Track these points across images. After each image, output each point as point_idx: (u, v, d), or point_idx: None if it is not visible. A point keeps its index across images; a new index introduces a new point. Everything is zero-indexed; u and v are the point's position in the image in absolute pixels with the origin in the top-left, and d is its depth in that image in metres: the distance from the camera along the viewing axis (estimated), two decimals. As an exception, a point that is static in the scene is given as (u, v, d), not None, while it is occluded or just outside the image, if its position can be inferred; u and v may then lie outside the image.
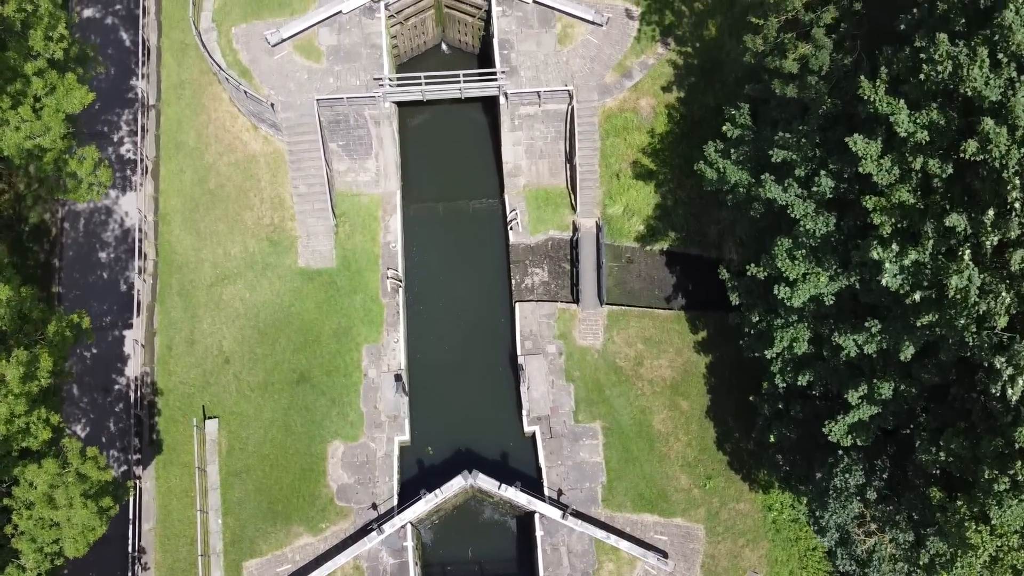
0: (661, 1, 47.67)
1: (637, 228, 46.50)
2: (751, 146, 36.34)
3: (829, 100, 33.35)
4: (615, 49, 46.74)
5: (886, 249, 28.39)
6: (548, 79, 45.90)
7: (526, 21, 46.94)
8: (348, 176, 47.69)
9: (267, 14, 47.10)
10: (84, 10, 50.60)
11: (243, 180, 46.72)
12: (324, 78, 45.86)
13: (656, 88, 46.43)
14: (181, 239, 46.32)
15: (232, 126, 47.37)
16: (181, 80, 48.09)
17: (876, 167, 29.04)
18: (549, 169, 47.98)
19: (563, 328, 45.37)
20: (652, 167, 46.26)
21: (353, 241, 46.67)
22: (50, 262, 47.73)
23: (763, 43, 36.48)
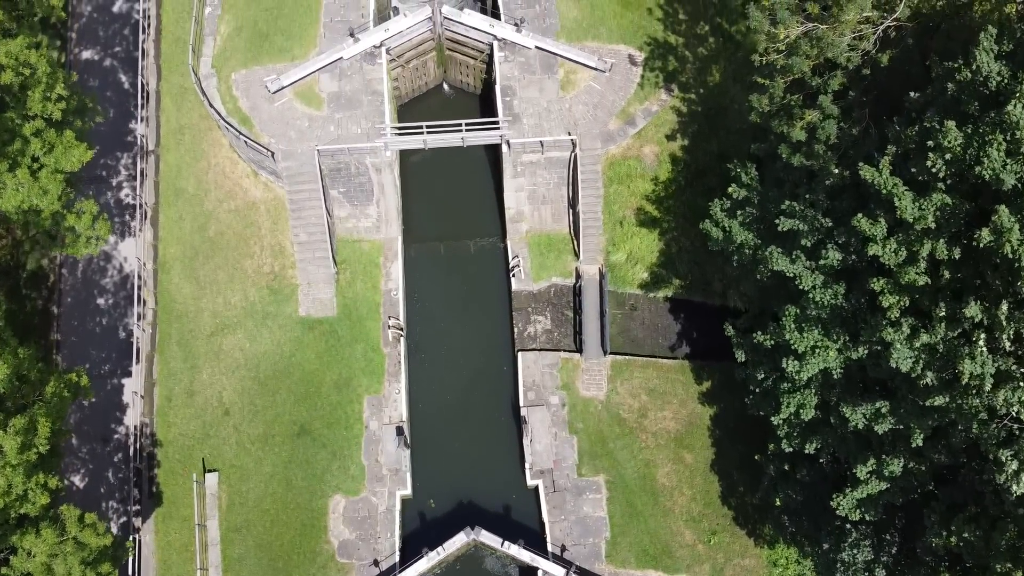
0: (664, 47, 47.29)
1: (641, 276, 46.10)
2: (758, 207, 35.93)
3: (836, 170, 32.95)
4: (618, 95, 46.32)
5: (897, 330, 28.01)
6: (551, 127, 45.49)
7: (528, 67, 46.52)
8: (349, 222, 47.27)
9: (267, 59, 46.68)
10: (82, 52, 50.25)
11: (243, 228, 46.29)
12: (325, 126, 45.44)
13: (660, 135, 46.02)
14: (181, 288, 45.89)
15: (232, 172, 46.96)
16: (180, 125, 47.67)
17: (882, 248, 28.65)
18: (552, 214, 47.58)
19: (566, 378, 44.96)
20: (656, 215, 45.86)
21: (354, 289, 46.25)
22: (48, 309, 47.34)
23: (769, 103, 36.05)
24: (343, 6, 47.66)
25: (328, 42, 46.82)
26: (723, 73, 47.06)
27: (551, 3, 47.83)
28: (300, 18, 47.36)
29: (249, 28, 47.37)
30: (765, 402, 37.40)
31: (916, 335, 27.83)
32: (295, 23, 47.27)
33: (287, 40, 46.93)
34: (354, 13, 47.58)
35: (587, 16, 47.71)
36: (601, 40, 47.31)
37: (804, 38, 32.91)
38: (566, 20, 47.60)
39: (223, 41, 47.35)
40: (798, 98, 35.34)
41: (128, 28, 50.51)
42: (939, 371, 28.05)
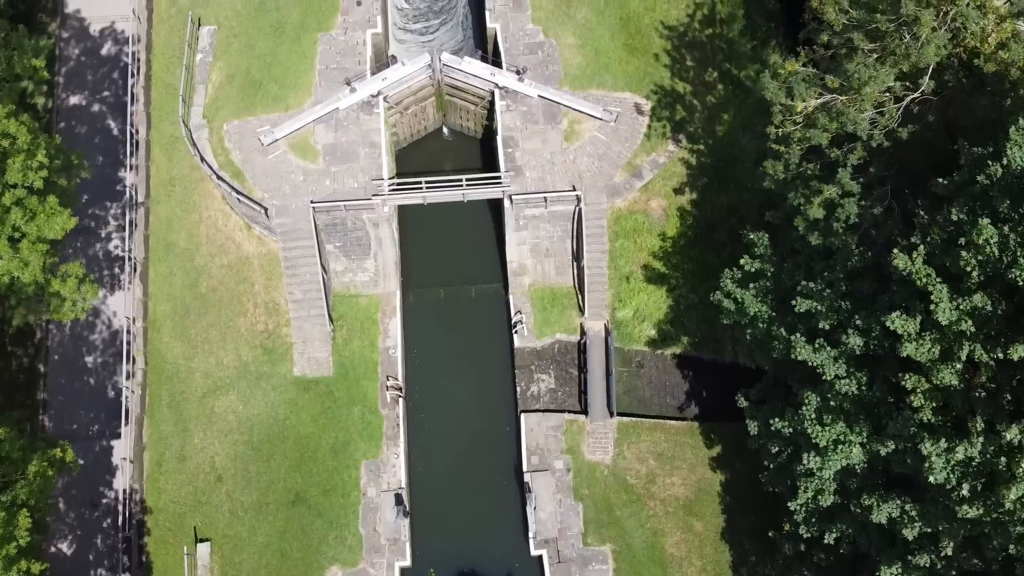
0: (672, 94, 45.72)
1: (648, 333, 44.53)
2: (772, 280, 34.35)
3: (857, 252, 31.33)
4: (624, 147, 44.73)
5: (934, 443, 26.42)
6: (554, 180, 43.91)
7: (531, 116, 44.93)
8: (345, 276, 45.68)
9: (260, 109, 45.09)
10: (70, 97, 48.63)
11: (236, 284, 44.69)
12: (320, 180, 43.83)
13: (667, 189, 44.44)
14: (171, 347, 44.29)
15: (224, 226, 45.35)
16: (171, 176, 46.05)
17: (915, 348, 27.06)
18: (555, 268, 45.99)
19: (571, 442, 43.39)
20: (664, 270, 44.27)
21: (351, 347, 44.66)
22: (34, 367, 45.71)
23: (784, 170, 34.44)
24: (339, 52, 46.07)
25: (324, 91, 45.23)
26: (732, 122, 45.49)
27: (554, 50, 46.24)
28: (295, 65, 45.77)
29: (242, 76, 45.77)
30: (780, 478, 35.86)
31: (953, 449, 26.20)
32: (289, 71, 45.68)
33: (281, 89, 45.33)
34: (350, 60, 45.99)
35: (591, 63, 46.13)
36: (606, 88, 45.72)
37: (822, 111, 31.34)
38: (569, 67, 46.01)
39: (215, 90, 45.74)
40: (815, 167, 33.71)
41: (117, 72, 48.86)
42: (975, 479, 26.52)
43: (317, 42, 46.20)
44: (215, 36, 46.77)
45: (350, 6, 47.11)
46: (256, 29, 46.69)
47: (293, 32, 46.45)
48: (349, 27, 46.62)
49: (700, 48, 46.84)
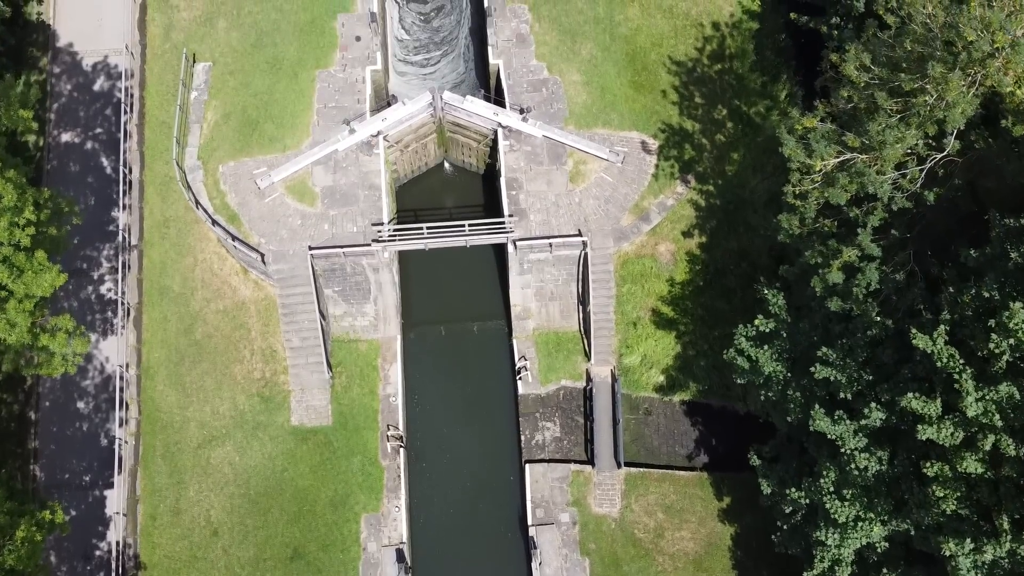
0: (680, 133, 44.46)
1: (656, 379, 43.30)
2: (787, 340, 33.08)
3: (878, 320, 30.05)
4: (631, 188, 43.48)
5: (958, 543, 25.19)
6: (559, 223, 42.67)
7: (535, 157, 43.68)
8: (345, 321, 44.43)
9: (257, 150, 43.84)
10: (62, 134, 47.35)
11: (232, 330, 43.43)
12: (319, 224, 42.58)
13: (676, 232, 43.18)
14: (166, 396, 43.04)
15: (220, 269, 44.08)
16: (165, 218, 44.78)
17: (937, 431, 25.81)
18: (560, 312, 44.74)
19: (577, 493, 42.15)
20: (672, 316, 43.03)
21: (350, 395, 43.41)
22: (25, 414, 44.43)
23: (799, 225, 33.16)
24: (338, 91, 44.81)
25: (322, 130, 43.99)
26: (742, 161, 44.25)
27: (559, 87, 44.98)
28: (292, 104, 44.52)
29: (238, 115, 44.51)
30: (794, 540, 34.63)
31: (981, 549, 24.91)
32: (287, 110, 44.43)
33: (278, 129, 44.08)
34: (349, 98, 44.74)
35: (597, 101, 44.87)
36: (612, 127, 44.49)
37: (841, 170, 30.06)
38: (575, 105, 44.77)
39: (210, 129, 44.48)
40: (832, 223, 32.40)
41: (110, 108, 47.59)
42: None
43: (315, 79, 44.97)
44: (210, 73, 45.51)
45: (349, 42, 45.87)
46: (252, 66, 45.45)
47: (290, 69, 45.21)
48: (348, 64, 45.38)
49: (709, 84, 45.58)
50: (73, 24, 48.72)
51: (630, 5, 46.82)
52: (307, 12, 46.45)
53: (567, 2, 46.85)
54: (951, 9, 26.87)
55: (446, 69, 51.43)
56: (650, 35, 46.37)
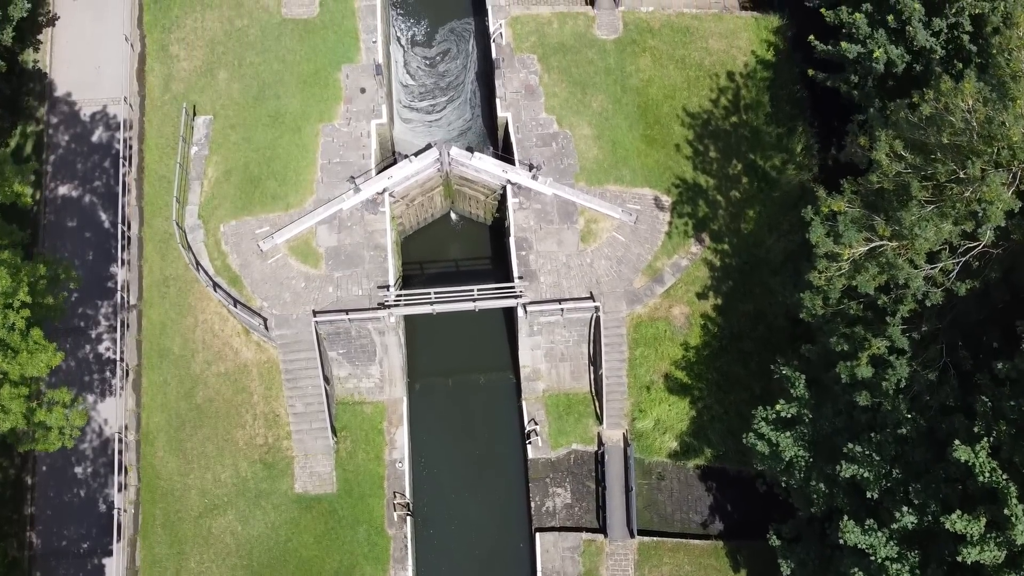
0: (694, 189, 43.30)
1: (669, 444, 42.13)
2: (810, 426, 31.88)
3: (909, 418, 28.85)
4: (644, 248, 42.28)
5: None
6: (571, 286, 41.48)
7: (545, 215, 42.50)
8: (349, 382, 43.24)
9: (259, 209, 42.66)
10: (59, 187, 46.15)
11: (234, 394, 42.24)
12: (323, 286, 41.39)
13: (690, 294, 41.99)
14: (166, 462, 41.85)
15: (222, 330, 42.87)
16: (165, 276, 43.56)
17: (979, 551, 24.64)
18: (571, 372, 43.55)
19: (589, 564, 40.97)
20: (686, 380, 41.84)
21: (355, 460, 42.23)
22: (21, 478, 43.21)
23: (823, 305, 31.94)
24: (342, 145, 43.65)
25: (326, 187, 42.83)
26: (758, 219, 43.09)
27: (569, 141, 43.82)
28: (295, 160, 43.34)
29: (239, 172, 43.33)
30: (817, 625, 33.41)
31: None
32: (290, 166, 43.25)
33: (281, 186, 42.91)
34: (354, 153, 43.59)
35: (608, 156, 43.71)
36: (624, 183, 43.32)
37: (871, 259, 28.84)
38: (585, 160, 43.60)
39: (211, 187, 43.31)
40: (858, 306, 31.12)
41: (108, 160, 46.38)
42: None
43: (319, 134, 43.81)
44: (211, 127, 44.33)
45: (353, 94, 44.70)
46: (254, 119, 44.28)
47: (293, 123, 44.04)
48: (352, 117, 44.22)
49: (723, 138, 44.42)
50: (71, 72, 47.54)
51: (641, 56, 45.67)
52: (310, 63, 45.29)
53: (577, 52, 45.71)
54: (994, 105, 25.70)
55: (452, 116, 50.32)
56: (662, 87, 45.21)
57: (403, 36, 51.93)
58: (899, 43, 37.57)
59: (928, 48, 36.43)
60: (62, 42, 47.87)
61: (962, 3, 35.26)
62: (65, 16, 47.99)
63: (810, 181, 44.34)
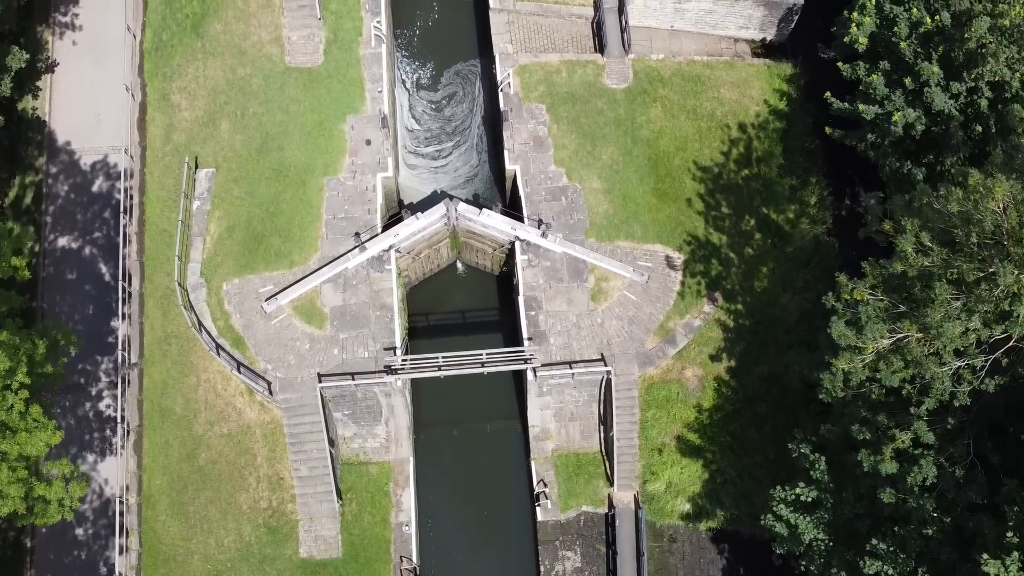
0: (706, 246, 42.47)
1: (682, 507, 41.36)
2: (831, 511, 31.04)
3: (935, 518, 28.03)
4: (656, 308, 41.44)
5: None
6: (581, 347, 40.65)
7: (555, 273, 41.65)
8: (355, 443, 42.42)
9: (262, 267, 41.81)
10: (58, 238, 45.21)
11: (237, 456, 41.39)
12: (328, 348, 40.54)
13: (703, 356, 41.16)
14: (168, 526, 41.01)
15: (224, 390, 42.01)
16: (167, 333, 42.67)
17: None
18: (581, 432, 42.75)
19: (600, 631, 40.22)
20: (699, 443, 41.03)
21: (361, 523, 41.41)
22: (21, 541, 42.38)
23: (843, 388, 31.11)
24: (347, 200, 42.80)
25: (331, 244, 41.98)
26: (771, 276, 42.26)
27: (579, 196, 42.98)
28: (299, 216, 42.50)
29: (242, 228, 42.47)
30: None
31: None
32: (294, 222, 42.40)
33: (285, 243, 42.06)
34: (359, 208, 42.74)
35: (619, 211, 42.87)
36: (635, 239, 42.48)
37: (895, 353, 28.00)
38: (595, 215, 42.77)
39: (213, 243, 42.44)
40: (880, 391, 30.24)
41: (108, 211, 45.46)
42: None
43: (323, 188, 42.97)
44: (213, 180, 43.47)
45: (359, 146, 43.85)
46: (257, 173, 43.41)
47: (297, 177, 43.19)
48: (358, 170, 43.37)
49: (735, 192, 43.59)
50: (70, 120, 46.63)
51: (652, 106, 44.82)
52: (315, 113, 44.42)
53: (586, 102, 44.86)
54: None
55: (459, 162, 49.47)
56: (674, 138, 44.38)
57: (408, 79, 51.07)
58: (917, 105, 36.76)
59: (946, 112, 35.62)
60: (61, 89, 46.96)
61: (981, 70, 34.43)
62: (64, 62, 47.08)
63: (824, 235, 43.71)
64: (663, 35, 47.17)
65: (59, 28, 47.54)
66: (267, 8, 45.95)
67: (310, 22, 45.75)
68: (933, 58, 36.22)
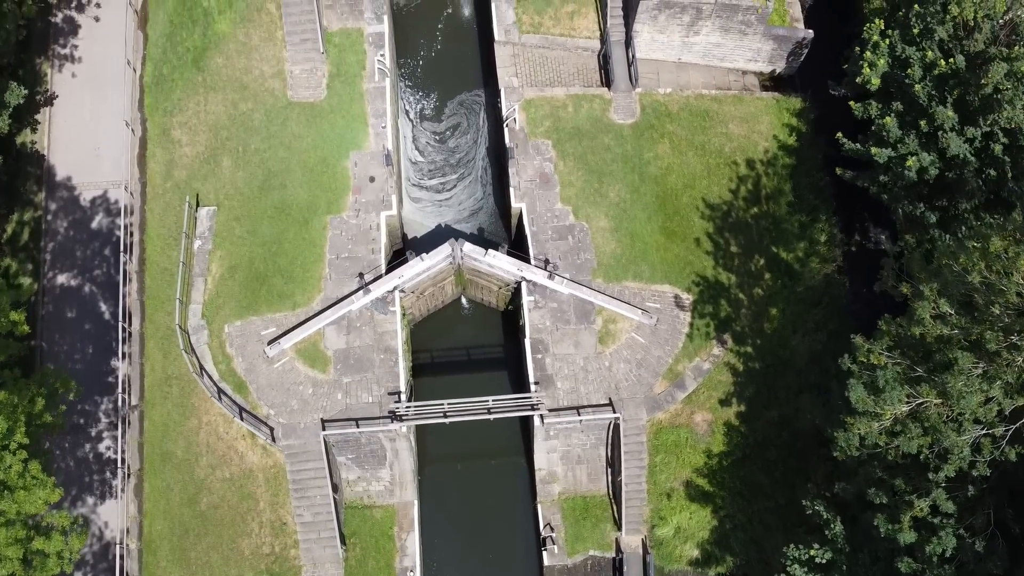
0: (715, 287, 41.84)
1: (691, 553, 40.75)
2: (847, 574, 30.43)
3: (957, 590, 27.54)
4: (664, 350, 40.80)
5: None
6: (589, 391, 40.04)
7: (562, 315, 41.01)
8: (358, 486, 41.80)
9: (264, 308, 41.16)
10: (57, 276, 44.59)
11: (239, 500, 40.76)
12: (331, 393, 39.91)
13: (712, 401, 40.53)
14: (169, 572, 40.39)
15: (226, 433, 41.37)
16: (167, 375, 42.03)
17: None
18: (588, 475, 42.13)
19: None
20: (708, 488, 40.42)
21: (365, 569, 40.81)
22: (19, 585, 41.74)
23: (859, 447, 30.48)
24: (351, 239, 42.17)
25: (334, 284, 41.34)
26: (781, 318, 41.63)
27: (586, 235, 42.35)
28: (302, 255, 41.86)
29: (244, 268, 41.82)
30: None
31: None
32: (296, 261, 41.76)
33: (288, 284, 41.42)
34: (363, 247, 42.10)
35: (627, 250, 42.24)
36: (643, 280, 41.84)
37: (913, 419, 27.38)
38: (603, 255, 42.13)
39: (215, 284, 41.80)
40: (897, 452, 29.62)
41: (108, 248, 44.83)
42: None
43: (327, 227, 42.33)
44: (215, 219, 42.83)
45: (362, 183, 43.21)
46: (260, 211, 42.77)
47: (300, 215, 42.55)
48: (361, 208, 42.73)
49: (744, 230, 42.95)
50: (69, 154, 46.01)
51: (660, 142, 44.19)
52: (318, 150, 43.78)
53: (593, 138, 44.22)
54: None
55: (463, 195, 48.88)
56: (682, 175, 43.75)
57: (411, 109, 50.46)
58: (931, 148, 36.15)
59: (961, 157, 35.01)
60: (60, 122, 46.35)
61: (997, 115, 33.83)
62: (63, 95, 46.46)
63: (835, 273, 43.09)
64: (670, 67, 46.52)
65: (58, 60, 46.91)
66: (269, 41, 45.29)
67: (313, 56, 45.11)
68: (948, 101, 35.60)
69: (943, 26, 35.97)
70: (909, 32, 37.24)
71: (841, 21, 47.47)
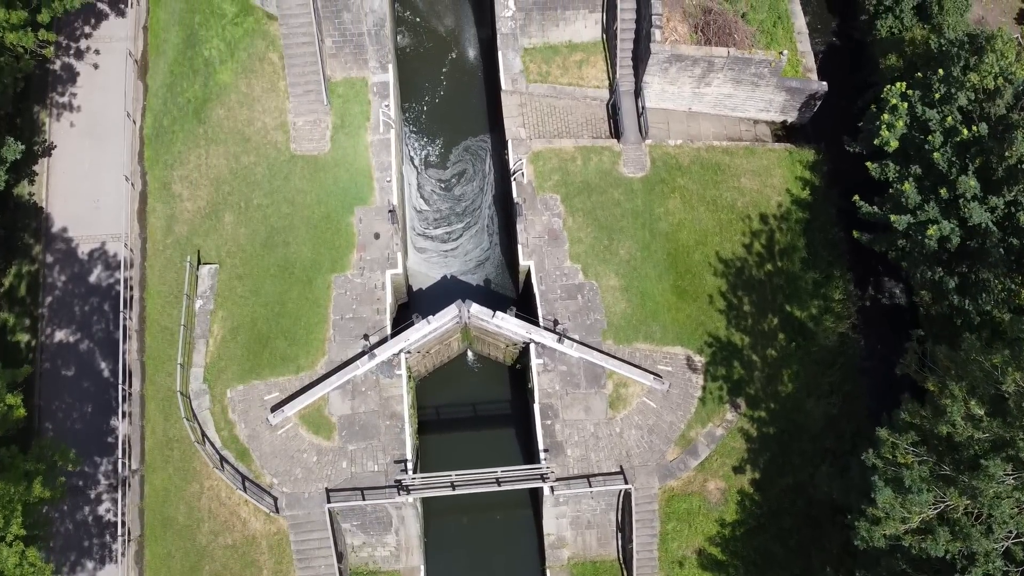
0: (728, 348, 40.94)
1: (703, 621, 39.85)
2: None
3: None
4: (676, 415, 39.91)
5: None
6: (599, 458, 39.16)
7: (572, 379, 40.12)
8: (363, 551, 40.94)
9: (267, 372, 40.25)
10: (55, 332, 43.61)
11: (242, 568, 39.88)
12: (336, 461, 39.02)
13: (726, 468, 39.65)
14: (170, 644, 39.54)
15: (228, 498, 40.47)
16: (168, 438, 41.12)
17: None
18: (598, 539, 41.28)
19: None
20: (721, 557, 39.56)
21: (371, 639, 39.98)
22: (17, 653, 40.86)
23: (883, 538, 29.55)
24: (355, 299, 41.25)
25: (338, 347, 40.43)
26: (795, 381, 40.74)
27: (595, 294, 41.44)
28: (306, 316, 40.94)
29: (247, 329, 40.91)
30: None
31: None
32: (300, 323, 40.84)
33: (291, 346, 40.50)
34: (368, 307, 41.19)
35: (637, 311, 41.33)
36: (654, 341, 40.94)
37: (942, 524, 26.52)
38: (613, 315, 41.23)
39: (217, 346, 40.89)
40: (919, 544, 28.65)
41: (108, 303, 43.83)
42: None
43: (331, 286, 41.41)
44: (216, 277, 41.91)
45: (367, 240, 42.31)
46: (262, 269, 41.85)
47: (303, 274, 41.63)
48: (366, 267, 41.80)
49: (757, 289, 42.05)
50: (68, 206, 45.01)
51: (670, 196, 43.29)
52: (321, 205, 42.87)
53: (602, 192, 43.33)
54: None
55: (469, 245, 47.98)
56: (693, 231, 42.85)
57: (416, 156, 49.57)
58: (951, 215, 35.27)
59: (984, 226, 34.14)
60: (59, 173, 45.37)
61: (1021, 186, 32.96)
62: (62, 146, 45.48)
63: (849, 331, 42.20)
64: (680, 117, 45.65)
65: (56, 109, 45.94)
66: (272, 92, 44.36)
67: (316, 107, 44.19)
68: (970, 169, 34.71)
69: (963, 91, 35.08)
70: (930, 95, 36.35)
71: (854, 71, 46.64)
